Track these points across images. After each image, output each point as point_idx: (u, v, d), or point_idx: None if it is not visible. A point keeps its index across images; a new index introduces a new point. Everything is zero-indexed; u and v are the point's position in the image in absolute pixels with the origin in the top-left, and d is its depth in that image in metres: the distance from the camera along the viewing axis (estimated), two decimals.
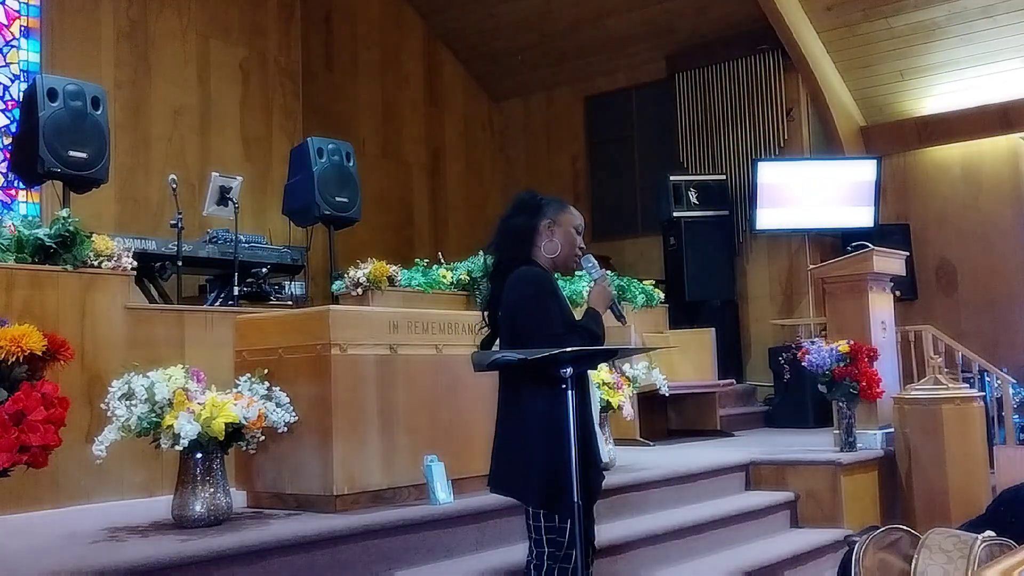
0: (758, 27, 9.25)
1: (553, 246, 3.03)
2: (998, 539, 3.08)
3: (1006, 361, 8.03)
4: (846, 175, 9.22)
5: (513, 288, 2.94)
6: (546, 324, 2.85)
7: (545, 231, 3.03)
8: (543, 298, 2.91)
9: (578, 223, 3.09)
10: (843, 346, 5.78)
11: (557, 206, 3.08)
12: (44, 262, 4.48)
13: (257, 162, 8.93)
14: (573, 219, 3.08)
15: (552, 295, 2.93)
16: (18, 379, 3.07)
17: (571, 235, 3.06)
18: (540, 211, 3.05)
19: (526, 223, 3.03)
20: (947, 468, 5.61)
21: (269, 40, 9.27)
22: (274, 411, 3.75)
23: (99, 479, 4.39)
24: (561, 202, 3.12)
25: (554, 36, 10.75)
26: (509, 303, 2.94)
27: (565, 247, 3.04)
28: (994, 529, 3.20)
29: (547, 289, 2.93)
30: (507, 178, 11.83)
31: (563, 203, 3.12)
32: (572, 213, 3.10)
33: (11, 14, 7.78)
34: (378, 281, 5.91)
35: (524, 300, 2.91)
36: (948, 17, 8.52)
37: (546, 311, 2.88)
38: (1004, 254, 8.94)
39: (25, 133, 5.64)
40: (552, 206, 3.08)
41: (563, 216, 3.06)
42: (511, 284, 2.94)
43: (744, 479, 5.75)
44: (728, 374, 8.35)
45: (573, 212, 3.11)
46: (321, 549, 3.52)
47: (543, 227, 3.03)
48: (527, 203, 3.07)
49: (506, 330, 2.97)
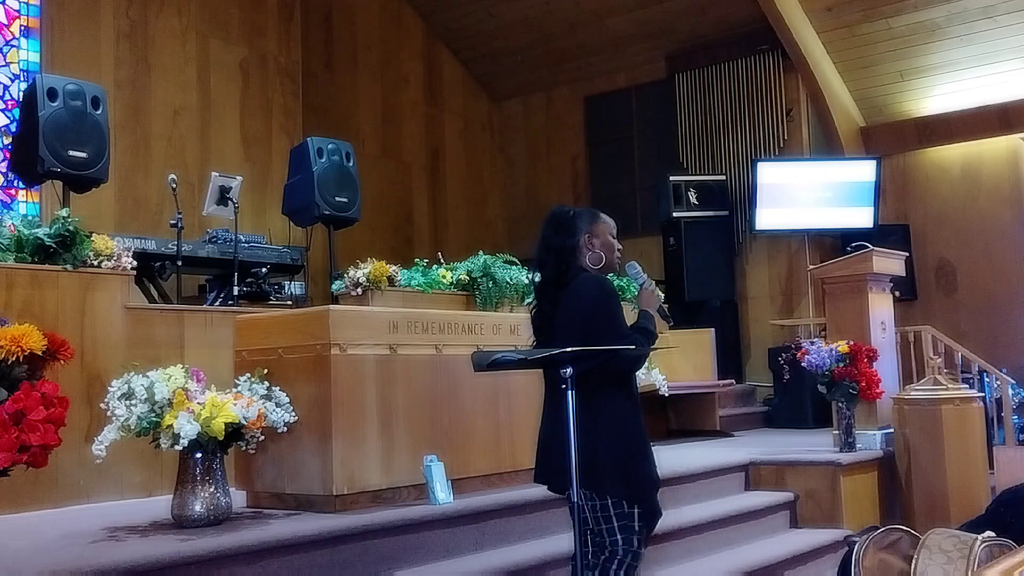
0: (758, 27, 9.26)
1: (596, 256, 3.25)
2: (998, 540, 3.08)
3: (1005, 361, 8.02)
4: (846, 175, 9.22)
5: (584, 295, 3.12)
6: (617, 326, 3.08)
7: (586, 244, 3.24)
8: (613, 303, 3.13)
9: (613, 229, 3.33)
10: (843, 346, 5.78)
11: (590, 218, 3.29)
12: (44, 262, 4.48)
13: (257, 162, 8.93)
14: (608, 227, 3.31)
15: (618, 300, 3.16)
16: (18, 379, 3.07)
17: (609, 242, 3.29)
18: (576, 228, 3.25)
19: (567, 242, 3.22)
20: (946, 468, 5.61)
21: (269, 40, 9.27)
22: (274, 411, 3.75)
23: (99, 479, 4.39)
24: (593, 213, 3.33)
25: (554, 36, 10.75)
26: (582, 308, 3.09)
27: (607, 254, 3.27)
28: (994, 529, 3.20)
29: (615, 295, 3.16)
30: (507, 178, 11.83)
31: (595, 213, 3.33)
32: (606, 222, 3.33)
33: (11, 13, 7.77)
34: (378, 281, 5.90)
35: (598, 305, 3.10)
36: (948, 18, 8.53)
37: (616, 315, 3.11)
38: (1004, 255, 8.94)
39: (25, 133, 5.64)
40: (585, 219, 3.28)
41: (598, 227, 3.28)
42: (581, 291, 3.12)
43: (743, 479, 5.75)
44: (728, 374, 8.35)
45: (607, 220, 3.33)
46: (320, 549, 3.52)
47: (583, 242, 3.24)
48: (562, 222, 3.26)
49: (575, 334, 3.04)
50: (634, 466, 3.04)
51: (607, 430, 3.03)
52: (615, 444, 3.03)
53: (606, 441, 3.02)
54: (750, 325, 9.66)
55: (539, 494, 4.42)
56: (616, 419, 3.05)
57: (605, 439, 3.02)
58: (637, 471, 3.05)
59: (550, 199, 11.26)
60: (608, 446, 3.01)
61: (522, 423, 4.65)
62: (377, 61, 10.54)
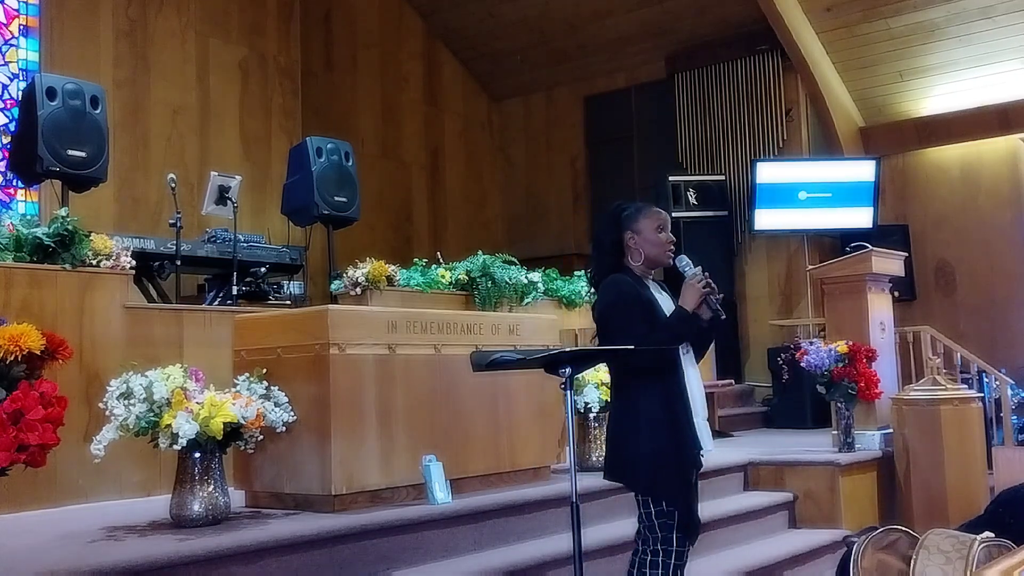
0: (757, 28, 9.25)
1: (637, 255, 3.21)
2: (996, 540, 3.08)
3: (1004, 362, 8.02)
4: (845, 176, 9.22)
5: (601, 296, 3.20)
6: (628, 325, 3.05)
7: (630, 243, 3.21)
8: (623, 303, 3.10)
9: (660, 222, 3.24)
10: (842, 347, 5.78)
11: (635, 214, 3.23)
12: (43, 261, 4.47)
13: (256, 161, 8.93)
14: (652, 222, 3.23)
15: (633, 300, 3.10)
16: (16, 378, 3.07)
17: (654, 238, 3.22)
18: (620, 225, 3.22)
19: (612, 239, 3.23)
20: (945, 469, 5.61)
21: (268, 39, 9.26)
22: (272, 411, 3.75)
23: (97, 478, 4.39)
24: (640, 208, 3.26)
25: (554, 36, 10.75)
26: (598, 310, 3.19)
27: (649, 250, 3.21)
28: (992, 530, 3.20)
29: (627, 294, 3.11)
30: (506, 178, 11.83)
31: (641, 209, 3.26)
32: (650, 217, 3.24)
33: (10, 13, 7.77)
34: (377, 281, 5.90)
35: (609, 306, 3.13)
36: (947, 18, 8.53)
37: (627, 314, 3.07)
38: (1003, 255, 8.94)
39: (24, 132, 5.64)
40: (631, 216, 3.23)
41: (642, 223, 3.21)
42: (601, 293, 3.21)
43: (742, 479, 5.75)
44: (727, 374, 8.36)
45: (651, 215, 3.24)
46: (319, 549, 3.52)
47: (627, 240, 3.21)
48: (610, 218, 3.26)
49: (600, 334, 3.19)
50: (662, 463, 3.03)
51: (639, 426, 3.06)
52: (646, 441, 3.04)
53: (636, 438, 3.05)
54: (749, 325, 9.66)
55: (538, 494, 4.43)
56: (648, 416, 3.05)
57: (636, 435, 3.05)
58: (665, 468, 3.04)
59: (550, 199, 11.29)
60: (639, 442, 3.04)
61: (521, 423, 4.66)
62: (377, 61, 10.53)
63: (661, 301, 3.20)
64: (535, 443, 4.79)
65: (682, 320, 3.10)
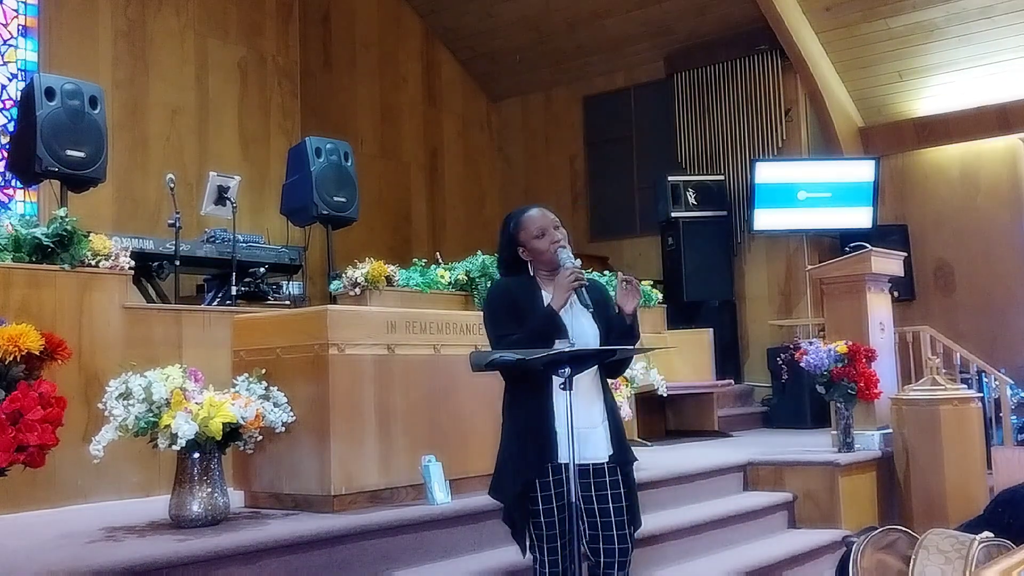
0: (757, 27, 9.26)
1: (532, 266, 3.15)
2: (996, 540, 3.08)
3: (1004, 362, 8.03)
4: (844, 176, 9.22)
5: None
6: (494, 329, 3.05)
7: (523, 255, 3.14)
8: (491, 309, 3.11)
9: (535, 227, 3.10)
10: (841, 347, 5.78)
11: (516, 228, 3.14)
12: (42, 261, 4.47)
13: (255, 161, 8.93)
14: (529, 231, 3.11)
15: (499, 305, 3.07)
16: (15, 378, 3.06)
17: (535, 245, 3.10)
18: (512, 241, 3.15)
19: (508, 255, 3.18)
20: (945, 469, 5.61)
21: (267, 39, 9.26)
22: (272, 411, 3.75)
23: (96, 479, 4.38)
24: (518, 221, 3.15)
25: (553, 36, 10.75)
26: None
27: (539, 257, 3.12)
28: (992, 530, 3.19)
29: (495, 300, 3.12)
30: (505, 178, 11.83)
31: (519, 221, 3.14)
32: (526, 226, 3.12)
33: (9, 13, 7.77)
34: (376, 281, 5.90)
35: (484, 315, 3.15)
36: (947, 18, 8.53)
37: (495, 319, 3.07)
38: (1002, 255, 8.94)
39: (23, 132, 5.63)
40: (514, 229, 3.14)
41: (522, 235, 3.13)
42: None
43: (742, 479, 5.74)
44: (726, 374, 8.36)
45: (525, 225, 3.12)
46: (319, 549, 3.51)
47: (520, 254, 3.15)
48: (503, 236, 3.19)
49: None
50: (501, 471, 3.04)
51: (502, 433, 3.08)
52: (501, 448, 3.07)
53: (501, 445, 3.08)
54: (748, 325, 9.66)
55: None
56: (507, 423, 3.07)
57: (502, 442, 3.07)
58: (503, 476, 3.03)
59: (549, 199, 11.26)
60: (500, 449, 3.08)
61: None
62: (375, 61, 10.53)
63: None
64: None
65: (544, 319, 2.96)
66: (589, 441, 3.00)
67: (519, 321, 2.99)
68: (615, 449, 3.05)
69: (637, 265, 10.03)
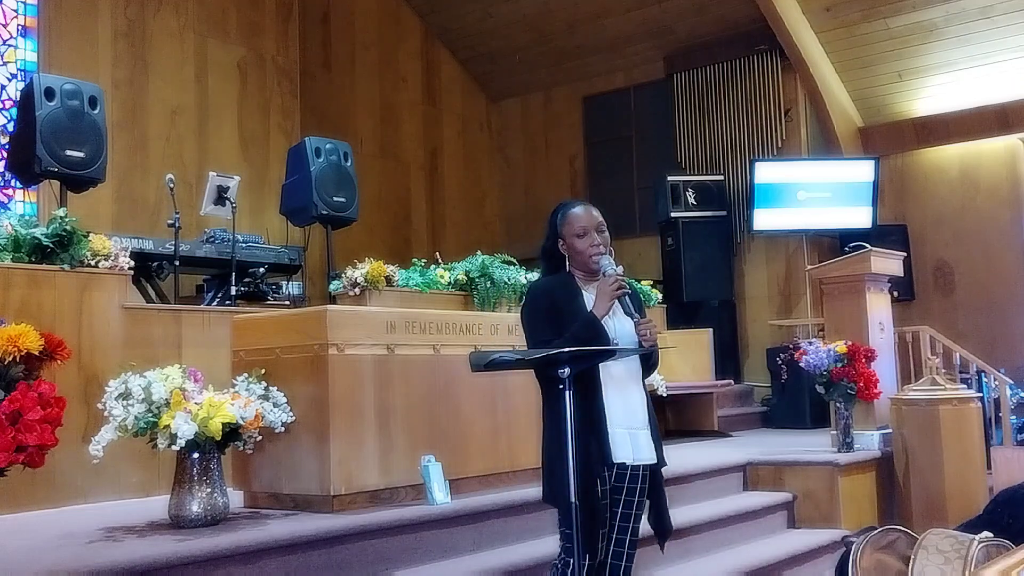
0: (756, 27, 9.26)
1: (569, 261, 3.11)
2: (995, 540, 3.08)
3: (1003, 362, 8.03)
4: (844, 175, 9.22)
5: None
6: (532, 333, 3.01)
7: (562, 249, 3.12)
8: (531, 311, 3.06)
9: (579, 227, 3.09)
10: (841, 347, 5.78)
11: (561, 220, 3.12)
12: (41, 261, 4.47)
13: (255, 162, 8.92)
14: (572, 227, 3.09)
15: (540, 308, 3.02)
16: (15, 379, 3.06)
17: (575, 244, 3.09)
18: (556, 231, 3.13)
19: (549, 247, 3.15)
20: (944, 469, 5.61)
21: (267, 39, 9.26)
22: (271, 411, 3.75)
23: (96, 479, 4.38)
24: (564, 213, 3.14)
25: (552, 36, 10.75)
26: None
27: (576, 257, 3.10)
28: (991, 530, 3.20)
29: (535, 301, 3.06)
30: (505, 178, 11.83)
31: (565, 214, 3.13)
32: (570, 221, 3.10)
33: (9, 13, 7.77)
34: (375, 281, 5.90)
35: (522, 315, 3.11)
36: (946, 18, 8.53)
37: (534, 322, 3.02)
38: (1002, 255, 8.94)
39: (22, 132, 5.63)
40: (558, 221, 3.13)
41: (565, 229, 3.11)
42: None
43: (742, 479, 5.75)
44: (726, 374, 8.36)
45: (569, 220, 3.11)
46: (318, 549, 3.51)
47: (560, 247, 3.13)
48: (550, 223, 3.16)
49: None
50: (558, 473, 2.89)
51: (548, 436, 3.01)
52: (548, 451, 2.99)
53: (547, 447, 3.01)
54: (748, 325, 9.66)
55: (537, 494, 4.42)
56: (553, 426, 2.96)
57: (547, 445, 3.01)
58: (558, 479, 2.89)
59: (548, 199, 11.22)
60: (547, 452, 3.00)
61: (520, 423, 4.65)
62: (375, 61, 10.53)
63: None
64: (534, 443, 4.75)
65: (587, 326, 2.92)
66: (639, 442, 3.01)
67: (559, 324, 2.95)
68: (657, 452, 3.06)
69: (637, 265, 10.02)
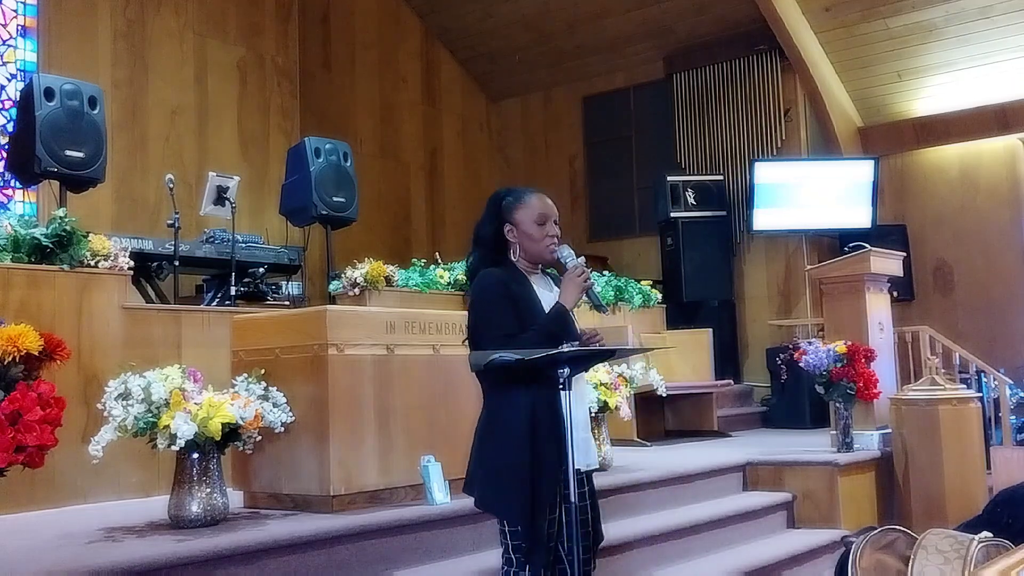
0: (756, 27, 9.26)
1: (516, 250, 2.90)
2: (995, 540, 3.08)
3: (1003, 362, 8.03)
4: (844, 175, 9.22)
5: (470, 294, 2.93)
6: (489, 328, 2.79)
7: (508, 236, 2.90)
8: (487, 301, 2.83)
9: (538, 214, 2.89)
10: (840, 347, 5.78)
11: (513, 203, 2.90)
12: (41, 262, 4.47)
13: (254, 162, 8.92)
14: (531, 212, 2.89)
15: (498, 297, 2.81)
16: (14, 379, 3.06)
17: (532, 230, 2.88)
18: (500, 215, 2.91)
19: (491, 231, 2.91)
20: (944, 469, 5.61)
21: (266, 40, 9.26)
22: (271, 411, 3.75)
23: (95, 479, 4.38)
24: (519, 196, 2.93)
25: (552, 36, 10.74)
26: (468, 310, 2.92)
27: (528, 245, 2.89)
28: (991, 530, 3.20)
29: (491, 291, 2.83)
30: (505, 178, 11.80)
31: (521, 196, 2.93)
32: (529, 205, 2.90)
33: (8, 13, 7.77)
34: (375, 281, 5.91)
35: (472, 304, 2.88)
36: (946, 18, 8.53)
37: (491, 314, 2.80)
38: (1001, 255, 8.94)
39: (22, 132, 5.63)
40: (509, 205, 2.91)
41: (519, 214, 2.89)
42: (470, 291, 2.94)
43: (741, 479, 5.74)
44: (725, 374, 8.35)
45: (529, 205, 2.90)
46: (318, 549, 3.52)
47: (506, 232, 2.91)
48: (491, 206, 2.94)
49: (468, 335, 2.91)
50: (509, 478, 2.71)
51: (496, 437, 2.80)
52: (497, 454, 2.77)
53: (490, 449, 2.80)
54: (748, 325, 9.66)
55: None
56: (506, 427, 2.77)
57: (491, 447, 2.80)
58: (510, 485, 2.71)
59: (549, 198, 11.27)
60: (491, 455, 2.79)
61: None
62: (375, 61, 10.53)
63: (548, 299, 2.87)
64: None
65: (558, 318, 2.77)
66: (590, 447, 2.93)
67: (517, 316, 2.78)
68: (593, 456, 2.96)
69: (636, 265, 10.04)
